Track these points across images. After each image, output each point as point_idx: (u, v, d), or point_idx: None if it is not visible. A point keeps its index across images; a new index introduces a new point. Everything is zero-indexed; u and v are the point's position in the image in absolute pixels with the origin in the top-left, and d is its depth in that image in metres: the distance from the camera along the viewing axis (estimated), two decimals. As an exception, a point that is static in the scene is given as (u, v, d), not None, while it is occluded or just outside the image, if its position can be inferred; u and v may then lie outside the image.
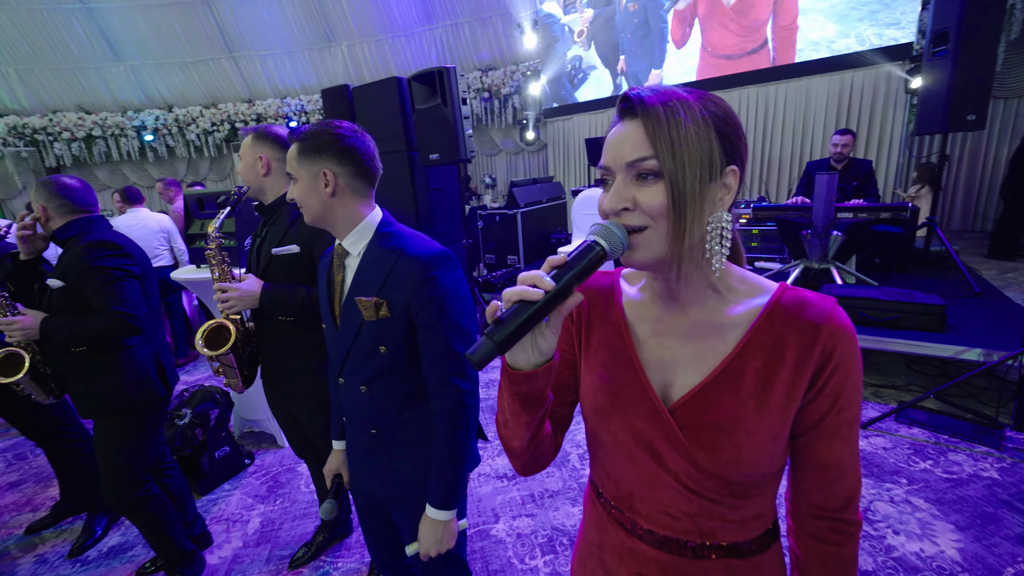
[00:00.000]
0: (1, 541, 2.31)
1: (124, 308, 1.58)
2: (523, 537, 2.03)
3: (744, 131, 0.60)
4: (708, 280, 0.62)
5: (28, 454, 3.03)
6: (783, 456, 0.63)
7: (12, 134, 8.06)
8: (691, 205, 0.55)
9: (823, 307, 0.59)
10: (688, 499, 0.63)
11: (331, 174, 1.04)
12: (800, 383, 0.58)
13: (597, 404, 0.68)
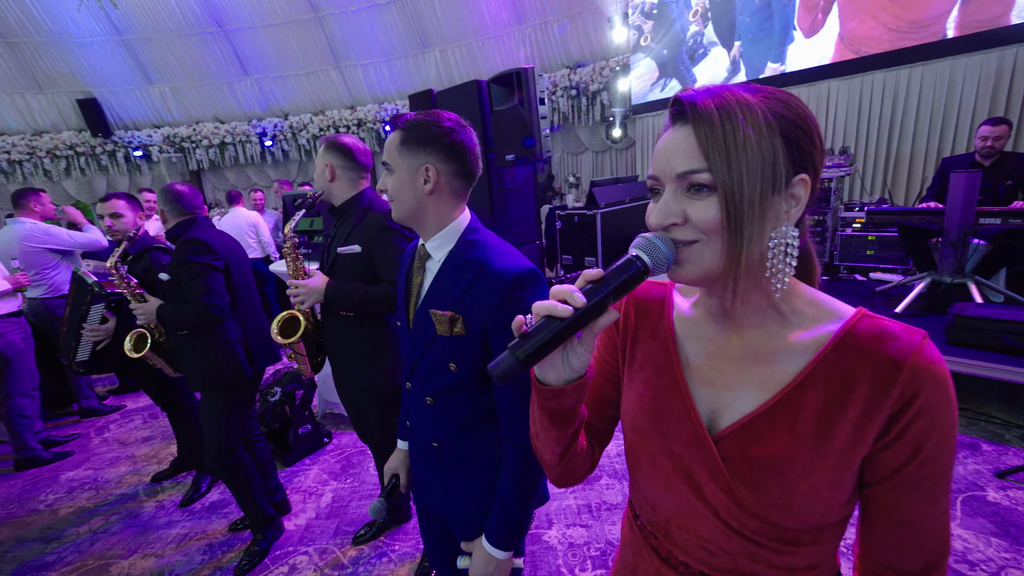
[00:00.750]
0: (133, 486, 2.77)
1: (206, 298, 1.83)
2: (575, 547, 2.01)
3: (821, 134, 0.53)
4: (769, 300, 0.56)
5: (160, 414, 3.60)
6: (847, 506, 0.55)
7: (165, 142, 9.56)
8: (749, 220, 0.50)
9: (908, 340, 0.50)
10: (728, 537, 0.57)
11: (434, 170, 0.97)
12: (870, 427, 0.50)
13: (636, 423, 0.65)
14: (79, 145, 9.45)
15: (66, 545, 2.34)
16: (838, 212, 3.72)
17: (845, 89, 5.04)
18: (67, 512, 2.60)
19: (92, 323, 2.18)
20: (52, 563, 2.23)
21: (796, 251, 0.53)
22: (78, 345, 2.24)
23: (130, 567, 2.15)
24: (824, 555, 0.58)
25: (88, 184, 9.66)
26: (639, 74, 6.66)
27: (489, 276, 0.93)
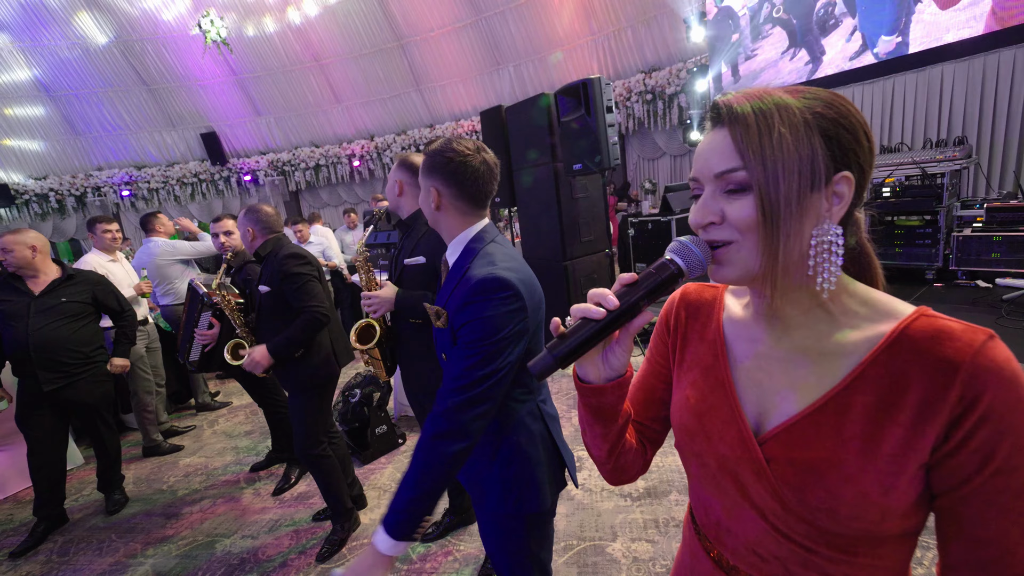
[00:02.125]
0: (236, 474, 3.12)
1: (313, 303, 2.04)
2: (640, 562, 1.96)
3: (869, 131, 0.53)
4: (817, 300, 0.56)
5: (259, 411, 4.02)
6: (907, 519, 0.51)
7: (270, 167, 10.71)
8: (787, 218, 0.50)
9: (969, 340, 0.48)
10: (777, 541, 0.57)
11: (435, 192, 1.14)
12: (926, 432, 0.48)
13: (683, 423, 0.66)
14: (201, 173, 10.86)
15: (182, 519, 2.69)
16: (953, 211, 3.29)
17: (963, 71, 4.47)
18: (183, 493, 2.98)
19: (201, 328, 2.52)
20: (171, 536, 2.57)
21: (841, 249, 0.52)
22: (191, 346, 2.59)
23: (231, 545, 2.43)
24: (886, 569, 0.54)
25: (208, 206, 11.05)
26: (772, 42, 6.04)
27: (465, 280, 1.06)
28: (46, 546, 2.64)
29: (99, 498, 3.00)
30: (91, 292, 2.74)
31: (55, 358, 2.58)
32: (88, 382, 2.70)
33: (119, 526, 2.74)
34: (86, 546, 2.59)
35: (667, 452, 2.65)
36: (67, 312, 2.64)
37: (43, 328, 2.56)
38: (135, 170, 10.89)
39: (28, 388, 2.60)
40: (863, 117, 0.53)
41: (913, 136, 4.81)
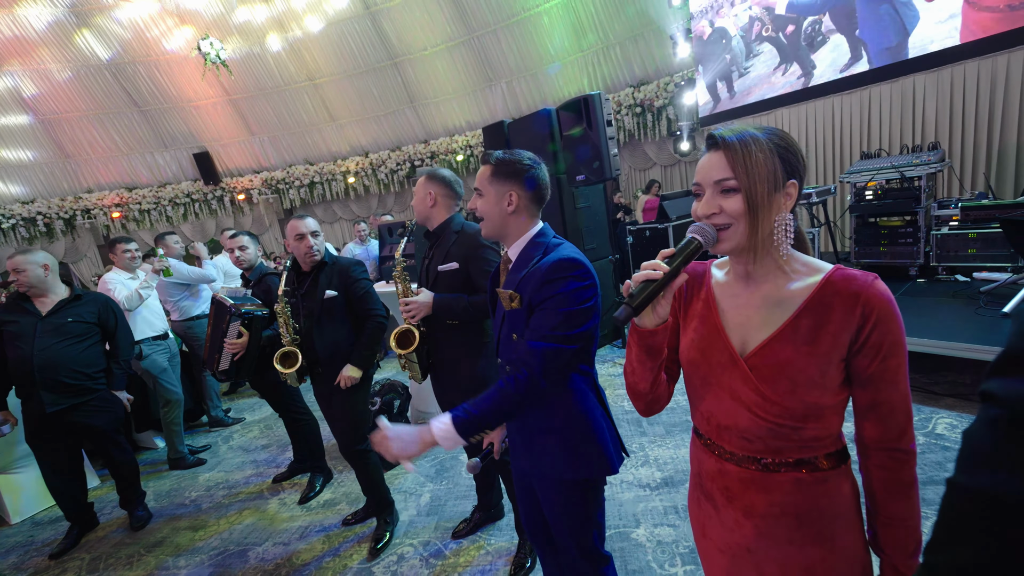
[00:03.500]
0: (258, 484, 3.18)
1: (376, 307, 2.23)
2: (664, 545, 2.08)
3: (803, 154, 0.83)
4: (777, 263, 0.84)
5: (273, 425, 4.08)
6: (836, 393, 0.80)
7: (264, 185, 10.79)
8: (762, 209, 0.78)
9: (864, 280, 0.77)
10: (758, 424, 0.83)
11: (515, 196, 1.26)
12: (843, 335, 0.77)
13: (690, 358, 0.92)
14: (194, 193, 10.90)
15: (210, 533, 2.75)
16: (931, 211, 3.53)
17: (933, 83, 4.78)
18: (208, 506, 3.04)
19: (231, 338, 2.60)
20: (201, 548, 2.63)
21: (792, 229, 0.82)
22: (220, 357, 2.68)
23: (263, 552, 2.50)
24: (825, 432, 0.82)
25: (201, 226, 11.07)
26: (763, 59, 6.40)
27: (542, 265, 1.20)
28: (73, 564, 2.68)
29: (122, 515, 3.04)
30: (97, 312, 2.77)
31: (57, 379, 2.58)
32: (93, 407, 2.71)
33: (146, 540, 2.79)
34: (115, 561, 2.64)
35: (680, 445, 2.78)
36: (72, 332, 2.66)
37: (48, 349, 2.57)
38: (126, 192, 10.89)
39: (32, 410, 2.59)
40: (799, 145, 0.82)
41: (891, 142, 5.11)
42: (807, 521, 0.84)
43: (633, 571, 1.97)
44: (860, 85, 5.31)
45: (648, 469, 2.63)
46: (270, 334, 2.68)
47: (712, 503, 0.94)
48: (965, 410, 2.72)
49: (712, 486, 0.93)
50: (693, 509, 1.03)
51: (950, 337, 2.72)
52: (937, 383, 3.01)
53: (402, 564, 2.25)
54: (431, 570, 2.18)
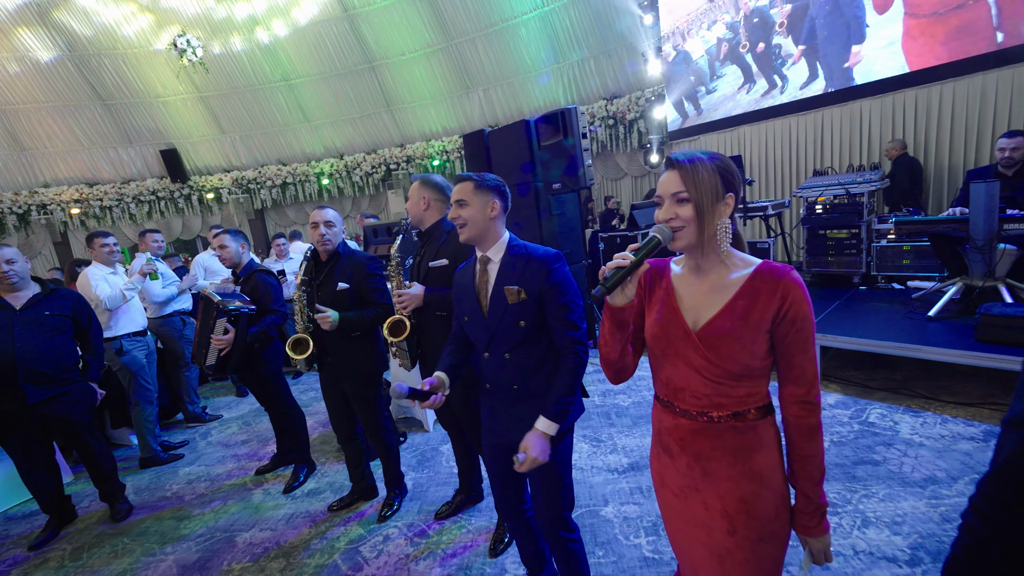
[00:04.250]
0: (241, 477, 3.29)
1: (384, 301, 2.39)
2: (629, 520, 2.34)
3: (740, 175, 1.09)
4: (720, 258, 1.10)
5: (252, 421, 4.17)
6: (763, 358, 1.06)
7: (234, 184, 10.70)
8: (707, 215, 1.04)
9: (784, 270, 1.04)
10: (706, 383, 1.08)
11: (496, 205, 1.58)
12: (768, 311, 1.03)
13: (654, 334, 1.16)
14: (160, 190, 10.71)
15: (195, 522, 2.85)
16: (872, 225, 3.96)
17: (878, 108, 5.30)
18: (191, 498, 3.13)
19: (217, 334, 2.73)
20: (187, 535, 2.74)
21: (731, 232, 1.08)
22: (207, 352, 2.80)
23: (251, 538, 2.63)
24: (756, 390, 1.08)
25: (166, 225, 10.87)
26: (727, 80, 6.89)
27: (534, 261, 1.54)
28: (55, 554, 2.73)
29: (100, 509, 3.10)
30: (71, 306, 2.83)
31: (40, 371, 2.64)
32: (71, 397, 2.77)
33: (130, 531, 2.86)
34: (99, 551, 2.71)
35: (645, 435, 3.06)
36: (50, 325, 2.72)
37: (28, 341, 2.63)
38: (86, 187, 10.61)
39: (10, 404, 2.61)
40: (735, 167, 1.06)
41: (841, 161, 5.60)
42: (741, 459, 1.09)
43: (602, 542, 2.21)
44: (816, 107, 5.81)
45: (616, 456, 2.89)
46: (257, 331, 2.82)
47: (669, 454, 1.19)
48: (895, 402, 3.09)
49: (669, 439, 1.18)
50: (654, 463, 1.27)
51: (884, 338, 3.10)
52: (872, 379, 3.39)
53: (388, 544, 2.43)
54: (415, 548, 2.37)
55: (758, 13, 6.30)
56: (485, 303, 1.58)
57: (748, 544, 1.11)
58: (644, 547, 2.15)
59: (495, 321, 1.54)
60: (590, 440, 3.12)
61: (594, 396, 3.74)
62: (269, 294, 2.89)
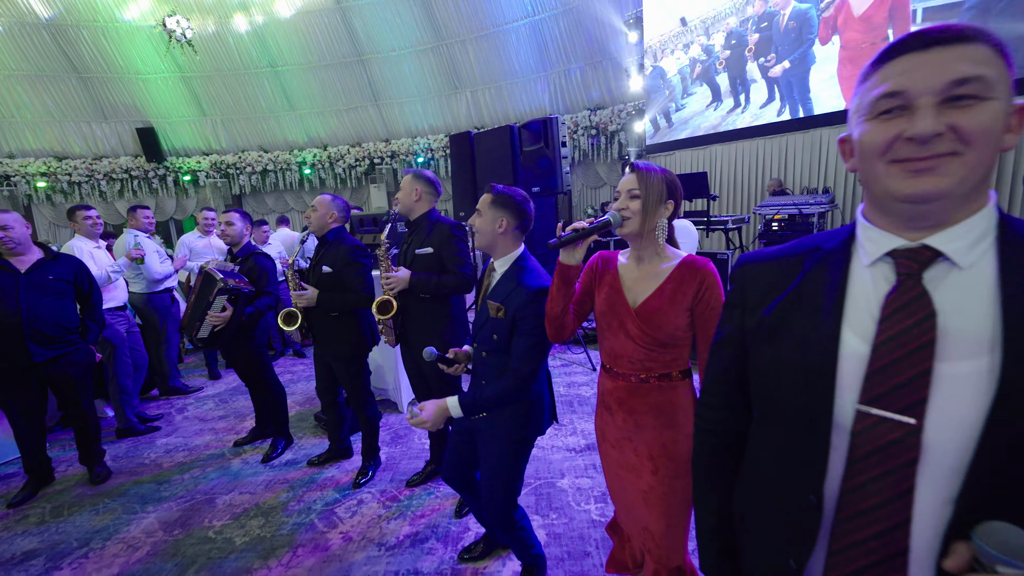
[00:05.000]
0: (219, 449, 3.49)
1: (366, 288, 2.62)
2: (582, 490, 2.66)
3: (680, 186, 1.40)
4: (656, 251, 1.40)
5: (228, 399, 4.35)
6: (685, 331, 1.36)
7: (212, 168, 10.71)
8: (650, 212, 1.34)
9: (702, 263, 1.35)
10: (639, 350, 1.39)
11: (505, 222, 1.64)
12: (689, 293, 1.32)
13: (602, 310, 1.47)
14: (134, 169, 10.63)
15: (175, 486, 3.05)
16: (819, 243, 4.44)
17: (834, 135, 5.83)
18: (169, 465, 3.32)
19: (215, 310, 2.95)
20: (167, 497, 2.94)
21: (666, 231, 1.38)
22: (201, 325, 3.00)
23: (231, 500, 2.85)
24: (679, 355, 1.40)
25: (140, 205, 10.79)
26: (700, 97, 7.50)
27: (521, 288, 1.60)
28: (35, 511, 2.89)
29: (78, 473, 3.26)
30: (74, 273, 3.01)
31: (43, 332, 2.82)
32: (73, 357, 2.96)
33: (109, 493, 3.04)
34: (79, 509, 2.88)
35: (603, 422, 3.40)
36: (54, 290, 2.90)
37: (34, 304, 2.81)
38: (55, 160, 10.46)
39: (12, 363, 2.79)
40: (678, 181, 1.38)
41: (797, 184, 6.12)
42: (664, 413, 1.41)
43: (556, 507, 2.53)
44: (782, 132, 6.33)
45: (575, 438, 3.22)
46: (252, 311, 3.04)
47: (609, 411, 1.50)
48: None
49: (610, 399, 1.49)
50: (597, 421, 1.59)
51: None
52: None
53: (362, 507, 2.69)
54: (388, 511, 2.64)
55: (736, 35, 6.85)
56: (481, 300, 1.77)
57: (667, 481, 1.43)
58: (593, 512, 2.48)
59: (479, 324, 1.72)
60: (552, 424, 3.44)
61: (559, 386, 4.07)
62: (266, 276, 3.11)
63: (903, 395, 0.62)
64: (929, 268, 0.64)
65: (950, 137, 0.59)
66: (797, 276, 0.77)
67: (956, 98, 0.59)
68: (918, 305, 0.63)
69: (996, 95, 0.59)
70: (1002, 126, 0.60)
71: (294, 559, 2.31)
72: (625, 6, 8.11)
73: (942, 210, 0.63)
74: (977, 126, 0.59)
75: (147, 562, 2.37)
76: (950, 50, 0.59)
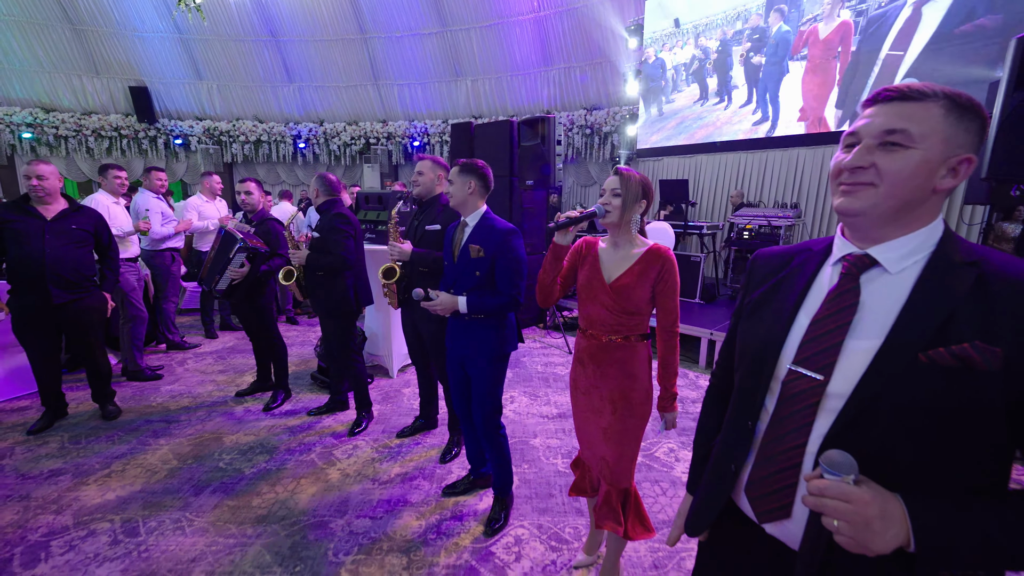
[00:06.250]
0: (222, 398, 3.88)
1: (344, 252, 3.02)
2: (551, 448, 3.14)
3: (652, 189, 1.83)
4: (629, 239, 1.80)
5: (226, 356, 4.72)
6: (647, 303, 1.77)
7: (205, 134, 10.88)
8: (628, 207, 1.76)
9: (665, 250, 1.76)
10: (610, 317, 1.79)
11: (472, 183, 2.23)
12: (652, 273, 1.72)
13: (583, 284, 1.86)
14: (124, 128, 10.73)
15: (183, 425, 3.44)
16: (783, 253, 5.00)
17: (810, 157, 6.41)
18: (176, 408, 3.70)
19: (234, 266, 3.34)
20: (177, 434, 3.32)
21: (638, 223, 1.80)
22: (220, 278, 3.39)
23: (237, 439, 3.25)
24: (641, 322, 1.81)
25: (128, 165, 10.90)
26: (688, 94, 8.29)
27: (496, 231, 2.19)
28: (54, 439, 3.25)
29: (90, 410, 3.61)
30: (94, 224, 3.35)
31: (65, 276, 3.15)
32: (89, 303, 3.30)
33: (122, 426, 3.41)
34: (95, 438, 3.25)
35: (575, 396, 3.88)
36: (75, 238, 3.23)
37: (57, 249, 3.13)
38: (42, 112, 10.51)
39: (34, 303, 3.12)
40: (651, 185, 1.82)
41: (771, 198, 6.70)
42: (625, 365, 1.84)
43: (528, 460, 3.00)
44: (761, 148, 6.90)
45: (549, 407, 3.70)
46: (266, 270, 3.44)
47: (582, 364, 1.93)
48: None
49: (584, 354, 1.91)
50: (571, 374, 2.02)
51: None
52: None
53: (357, 450, 3.12)
54: (380, 455, 3.07)
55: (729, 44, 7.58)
56: (456, 254, 2.28)
57: (622, 420, 1.88)
58: (559, 465, 2.96)
59: (460, 268, 2.25)
60: (530, 396, 3.92)
61: (537, 365, 4.55)
62: (279, 240, 3.51)
63: (820, 359, 0.82)
64: (867, 271, 0.82)
65: (872, 172, 0.77)
66: (785, 269, 0.97)
67: (888, 144, 0.76)
68: (849, 296, 0.82)
69: (919, 146, 0.74)
70: (924, 171, 0.75)
71: (298, 487, 2.74)
72: (627, 13, 8.57)
73: (867, 226, 0.82)
74: (891, 167, 0.76)
75: (166, 482, 2.77)
76: (892, 106, 0.77)
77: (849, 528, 0.69)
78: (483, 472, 2.69)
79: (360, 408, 3.39)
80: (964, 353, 0.70)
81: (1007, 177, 2.62)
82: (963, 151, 0.76)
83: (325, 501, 2.60)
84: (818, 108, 6.39)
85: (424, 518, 2.48)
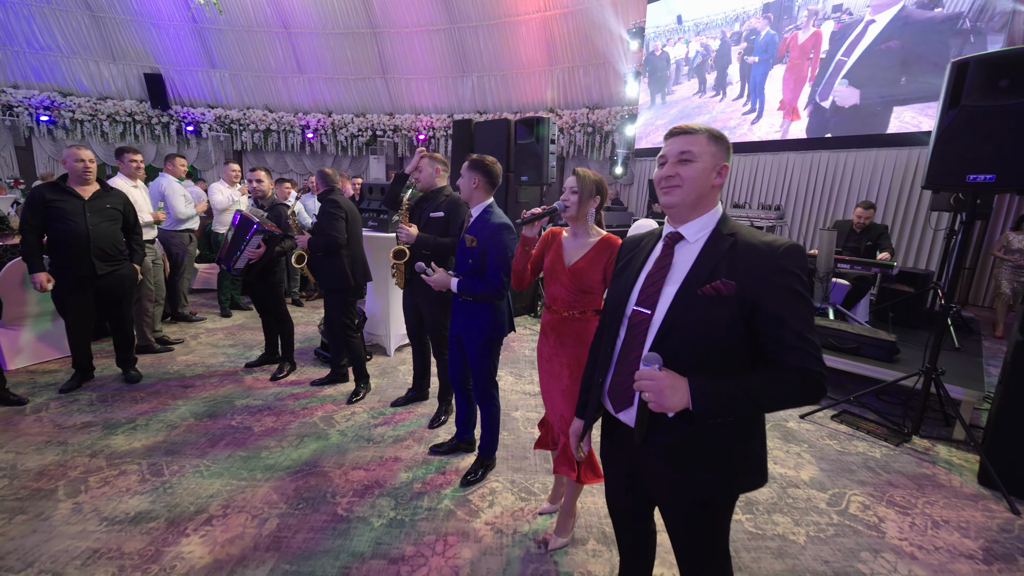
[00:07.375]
0: (232, 368, 4.28)
1: (331, 231, 3.43)
2: (529, 420, 3.52)
3: (606, 187, 2.22)
4: (586, 230, 2.15)
5: (236, 332, 5.12)
6: (600, 284, 2.11)
7: (216, 122, 11.30)
8: (584, 203, 2.10)
9: (615, 237, 2.12)
10: (569, 295, 2.14)
11: (478, 179, 2.51)
12: (604, 258, 2.06)
13: (547, 267, 2.22)
14: (138, 114, 11.18)
15: (199, 390, 3.84)
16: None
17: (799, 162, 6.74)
18: (191, 374, 4.11)
19: (252, 247, 3.73)
20: (192, 395, 3.73)
21: (594, 216, 2.18)
22: (239, 258, 3.78)
23: (247, 403, 3.65)
24: (594, 300, 2.16)
25: (141, 150, 11.35)
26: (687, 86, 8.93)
27: (491, 225, 2.45)
28: (83, 397, 3.66)
29: (112, 374, 4.02)
30: (123, 204, 3.76)
31: (105, 250, 3.58)
32: (123, 272, 3.73)
33: (144, 389, 3.82)
34: (120, 398, 3.66)
35: (557, 377, 4.26)
36: (109, 216, 3.64)
37: (97, 226, 3.55)
38: (59, 96, 10.96)
39: (78, 274, 3.53)
40: (605, 183, 2.22)
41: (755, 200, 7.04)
42: (581, 336, 2.19)
43: (508, 429, 3.38)
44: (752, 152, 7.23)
45: (531, 386, 4.08)
46: (279, 252, 3.84)
47: (545, 336, 2.31)
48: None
49: (547, 327, 2.29)
50: (538, 345, 2.41)
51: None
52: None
53: (354, 416, 3.51)
54: (375, 420, 3.46)
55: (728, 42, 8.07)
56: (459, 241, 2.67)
57: (578, 382, 2.24)
58: (535, 434, 3.33)
59: (459, 254, 2.62)
60: (515, 376, 4.30)
61: (524, 349, 4.93)
62: (288, 224, 3.90)
63: (648, 300, 1.26)
64: (679, 243, 1.28)
65: (677, 179, 1.23)
66: (637, 248, 1.42)
67: (682, 160, 1.23)
68: (666, 258, 1.28)
69: (699, 160, 1.21)
70: (705, 175, 1.21)
71: (302, 443, 3.13)
72: (630, 16, 8.89)
73: (679, 214, 1.27)
74: (687, 174, 1.22)
75: (184, 435, 3.17)
76: (680, 138, 1.24)
77: (652, 396, 1.13)
78: (468, 438, 3.07)
79: (358, 380, 3.78)
80: (717, 286, 1.16)
81: (942, 185, 2.97)
82: (722, 161, 1.23)
83: (325, 455, 2.99)
84: (793, 101, 7.46)
85: (411, 471, 2.87)
